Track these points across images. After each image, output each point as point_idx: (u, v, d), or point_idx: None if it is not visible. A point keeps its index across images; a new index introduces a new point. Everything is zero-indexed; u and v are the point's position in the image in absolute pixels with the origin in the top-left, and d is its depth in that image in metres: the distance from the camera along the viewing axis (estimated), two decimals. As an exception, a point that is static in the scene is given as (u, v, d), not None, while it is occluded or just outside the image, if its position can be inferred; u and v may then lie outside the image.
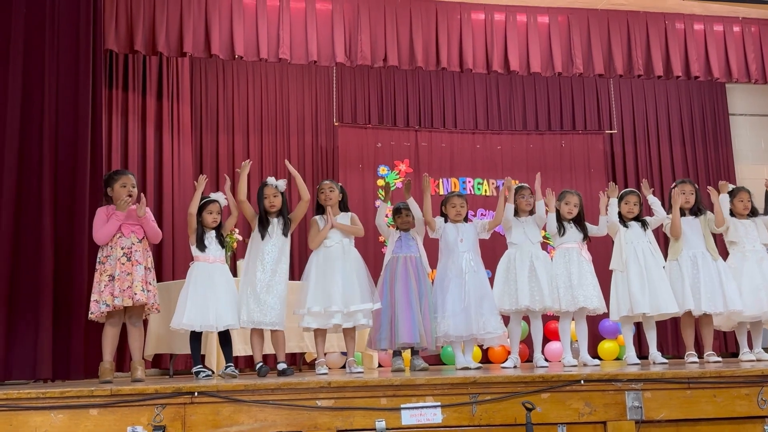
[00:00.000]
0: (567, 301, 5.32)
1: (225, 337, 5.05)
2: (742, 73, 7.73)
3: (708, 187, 5.82)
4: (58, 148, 5.75)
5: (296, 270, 6.80)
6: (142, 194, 5.07)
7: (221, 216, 5.13)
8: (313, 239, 5.20)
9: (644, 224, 5.48)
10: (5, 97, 5.69)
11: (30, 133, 5.72)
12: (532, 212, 5.57)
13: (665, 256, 5.53)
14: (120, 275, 4.74)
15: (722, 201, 5.59)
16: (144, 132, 7.28)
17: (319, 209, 5.27)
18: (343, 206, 5.30)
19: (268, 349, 5.19)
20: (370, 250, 7.79)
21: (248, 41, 6.65)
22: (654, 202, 5.54)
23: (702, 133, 9.11)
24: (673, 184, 5.70)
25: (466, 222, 5.53)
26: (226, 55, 6.59)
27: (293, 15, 6.82)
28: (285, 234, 5.08)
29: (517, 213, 5.58)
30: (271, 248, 5.03)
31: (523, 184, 5.73)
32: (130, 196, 4.93)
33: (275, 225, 5.07)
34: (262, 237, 5.03)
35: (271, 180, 5.16)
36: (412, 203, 5.50)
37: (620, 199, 5.56)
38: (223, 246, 5.12)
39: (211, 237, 5.07)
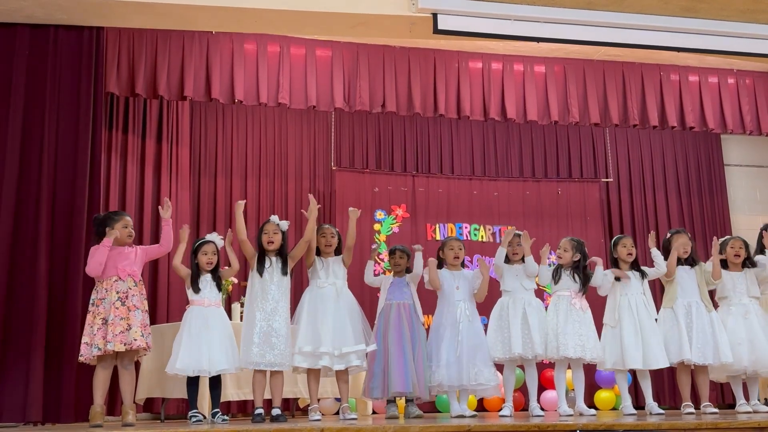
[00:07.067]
0: (552, 348, 5.29)
1: (214, 382, 4.97)
2: (737, 125, 7.80)
3: (714, 237, 5.82)
4: (56, 189, 5.79)
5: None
6: (167, 198, 5.23)
7: (217, 257, 5.08)
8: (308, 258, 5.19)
9: (643, 275, 5.46)
10: (5, 137, 5.74)
11: (28, 174, 5.76)
12: (524, 260, 5.57)
13: (658, 305, 5.51)
14: (113, 320, 4.71)
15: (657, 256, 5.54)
16: (142, 174, 7.30)
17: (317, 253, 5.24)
18: (338, 251, 5.30)
19: (268, 392, 5.08)
20: (366, 296, 7.75)
21: (248, 86, 6.71)
22: (656, 255, 5.49)
23: (697, 182, 9.15)
24: (668, 233, 5.71)
25: (464, 267, 5.52)
26: (226, 99, 6.65)
27: (293, 61, 6.89)
28: (284, 273, 5.05)
29: (508, 260, 5.59)
30: (270, 288, 4.98)
31: (518, 232, 5.74)
32: (129, 236, 5.00)
33: (273, 264, 5.05)
34: (261, 274, 5.00)
35: (273, 218, 5.16)
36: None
37: (616, 243, 5.58)
38: (219, 289, 5.08)
39: (206, 280, 5.02)
